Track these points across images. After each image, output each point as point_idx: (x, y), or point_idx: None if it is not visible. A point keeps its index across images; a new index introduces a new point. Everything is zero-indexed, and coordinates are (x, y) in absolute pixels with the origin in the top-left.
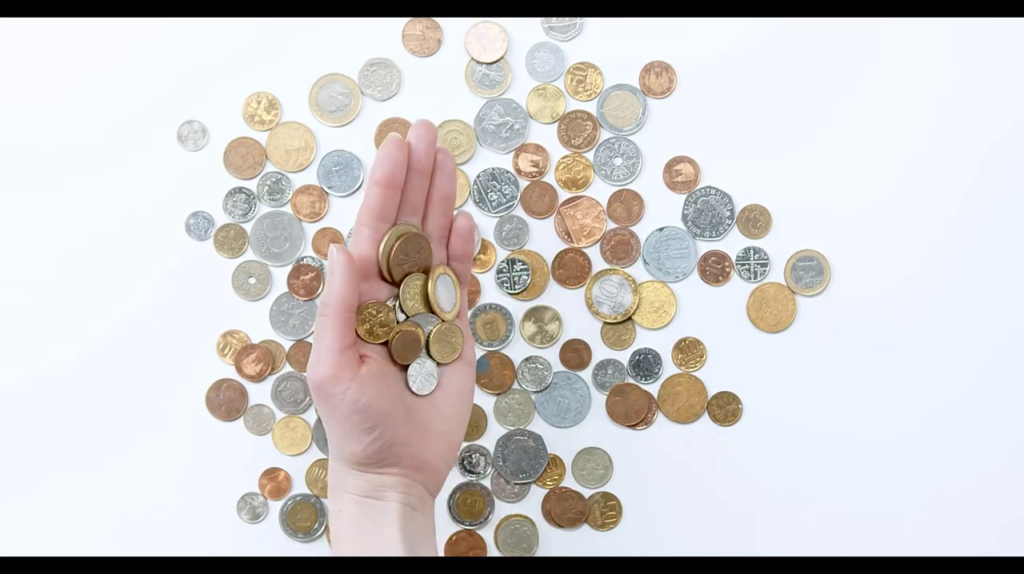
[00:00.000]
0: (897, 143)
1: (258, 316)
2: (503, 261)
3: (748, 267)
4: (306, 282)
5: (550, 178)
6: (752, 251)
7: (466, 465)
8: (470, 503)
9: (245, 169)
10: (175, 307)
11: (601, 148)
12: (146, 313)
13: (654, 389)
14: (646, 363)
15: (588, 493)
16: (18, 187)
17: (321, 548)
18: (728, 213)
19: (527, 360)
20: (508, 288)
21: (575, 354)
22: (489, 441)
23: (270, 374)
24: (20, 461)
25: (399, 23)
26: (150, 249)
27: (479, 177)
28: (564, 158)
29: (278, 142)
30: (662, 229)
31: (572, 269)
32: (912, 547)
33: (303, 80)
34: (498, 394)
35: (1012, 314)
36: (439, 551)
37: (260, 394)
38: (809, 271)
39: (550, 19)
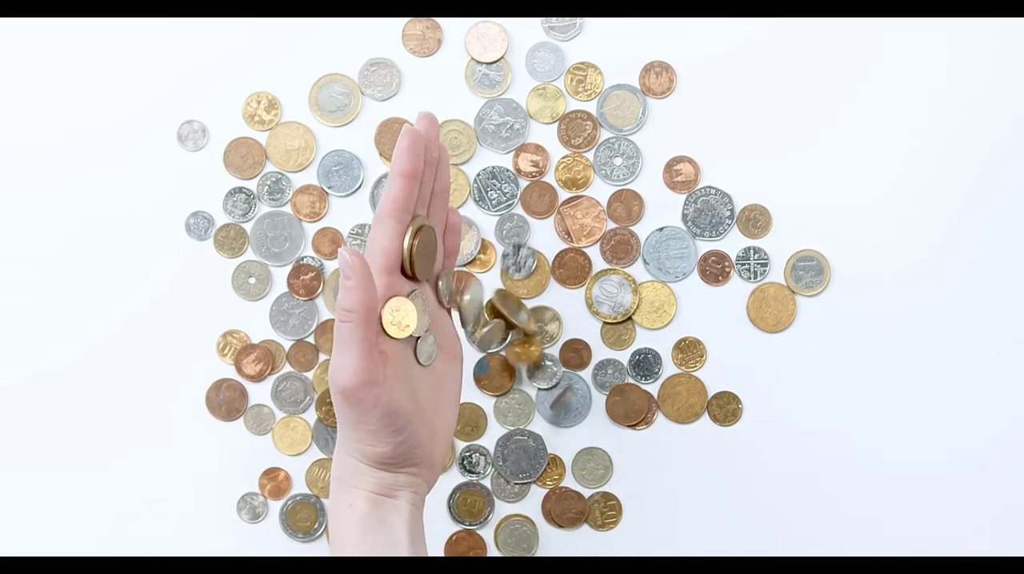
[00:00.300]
0: (897, 143)
1: (258, 316)
2: (509, 245)
3: (748, 267)
4: (306, 282)
5: (550, 178)
6: (752, 251)
7: (466, 465)
8: (470, 503)
9: (245, 169)
10: (175, 307)
11: (601, 148)
12: (146, 313)
13: (654, 389)
14: (646, 363)
15: (588, 493)
16: (18, 187)
17: (321, 548)
18: (728, 213)
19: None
20: (514, 273)
21: (575, 354)
22: (489, 441)
23: (270, 374)
24: (20, 461)
25: (399, 23)
26: (150, 249)
27: (479, 176)
28: (564, 158)
29: (278, 142)
30: (662, 229)
31: (572, 269)
32: (912, 547)
33: (303, 80)
34: (498, 395)
35: (1012, 313)
36: (438, 550)
37: (260, 394)
38: (809, 271)
39: (550, 19)
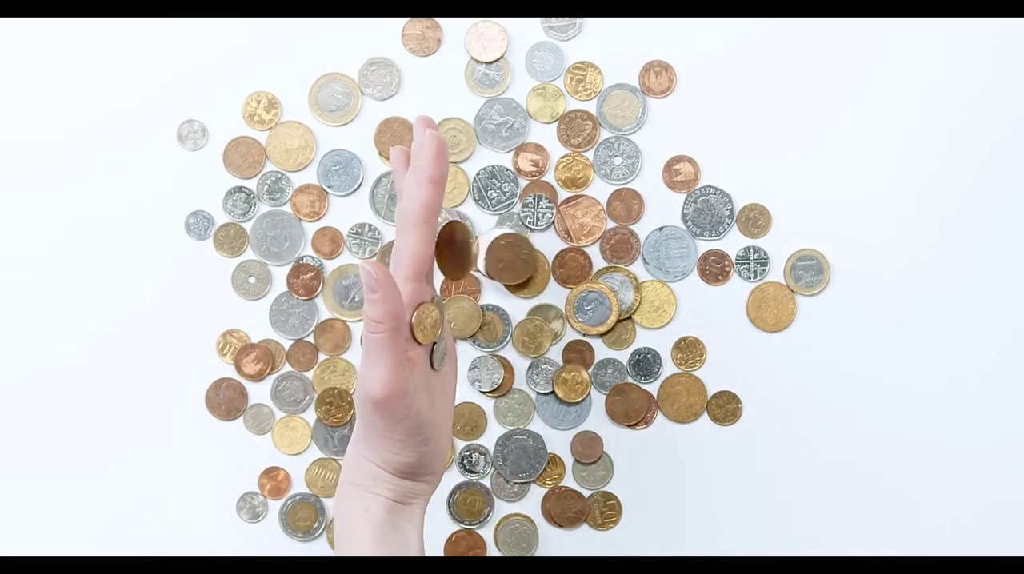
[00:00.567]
0: (897, 143)
1: (258, 315)
2: (529, 196)
3: (748, 266)
4: (306, 281)
5: (550, 177)
6: (752, 250)
7: (466, 465)
8: (470, 502)
9: (245, 168)
10: (175, 306)
11: (601, 147)
12: (146, 312)
13: (654, 388)
14: (646, 362)
15: (588, 493)
16: (18, 186)
17: (321, 548)
18: (728, 212)
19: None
20: (531, 224)
21: (578, 354)
22: (489, 441)
23: (270, 373)
24: (20, 460)
25: (399, 23)
26: (150, 248)
27: (479, 175)
28: (564, 157)
29: (278, 141)
30: (662, 228)
31: (573, 268)
32: (912, 547)
33: (303, 79)
34: (498, 395)
35: (1012, 313)
36: (438, 550)
37: (260, 393)
38: (809, 271)
39: (550, 19)
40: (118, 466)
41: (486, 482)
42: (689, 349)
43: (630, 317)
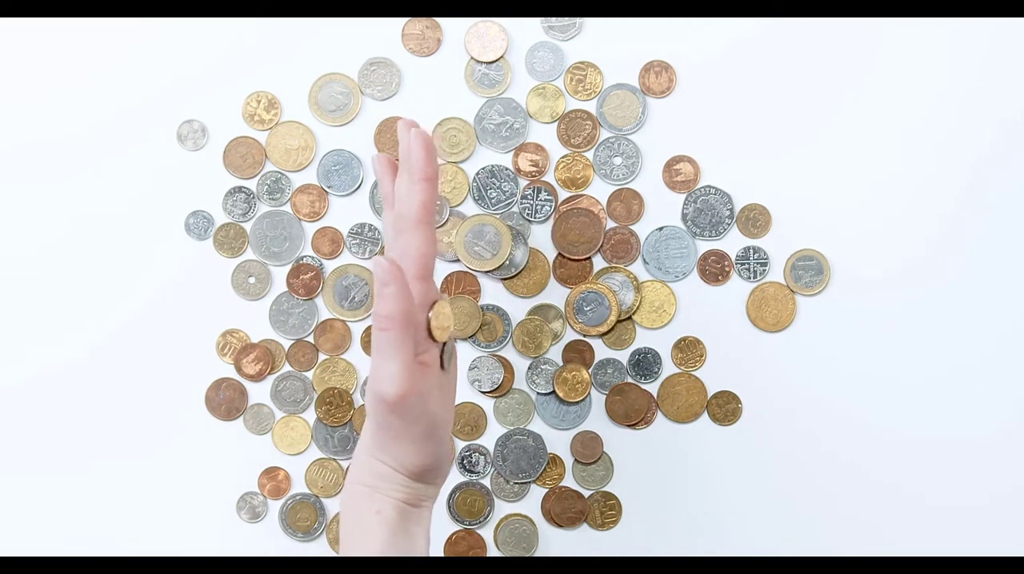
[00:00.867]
0: (896, 142)
1: (258, 315)
2: (528, 187)
3: (748, 266)
4: (305, 281)
5: (550, 177)
6: (752, 250)
7: (466, 465)
8: (470, 502)
9: (245, 168)
10: (175, 306)
11: (601, 147)
12: (146, 312)
13: (654, 388)
14: (646, 363)
15: (588, 493)
16: (18, 186)
17: (321, 548)
18: (728, 212)
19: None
20: (530, 216)
21: (578, 354)
22: (489, 441)
23: (270, 374)
24: (19, 460)
25: (399, 23)
26: (150, 248)
27: (478, 175)
28: (564, 157)
29: (278, 141)
30: (662, 228)
31: (573, 268)
32: (913, 546)
33: (303, 80)
34: (498, 395)
35: (1012, 313)
36: (438, 550)
37: (260, 393)
38: (809, 271)
39: (550, 19)
40: (118, 466)
41: (486, 482)
42: (689, 349)
43: (630, 317)
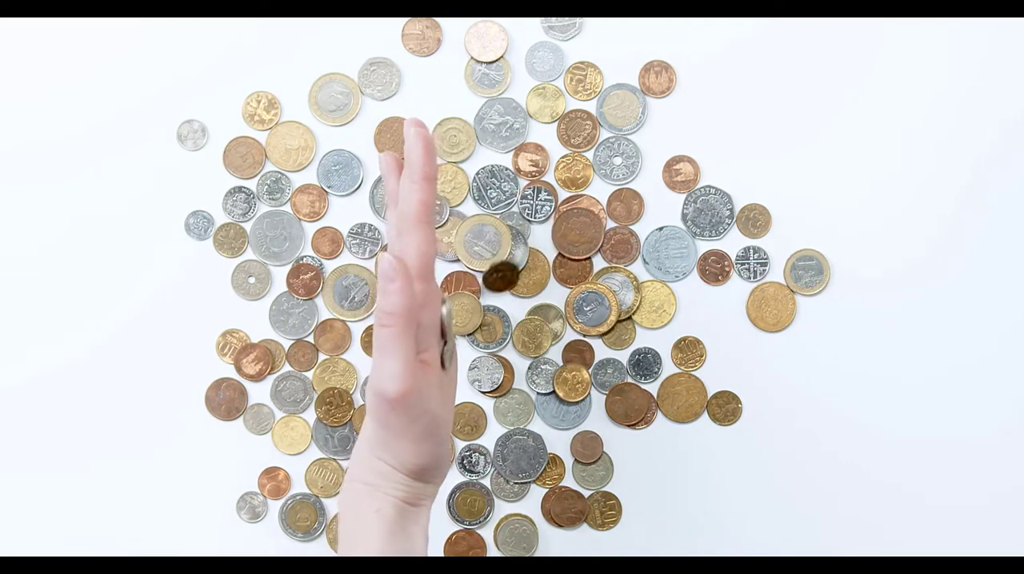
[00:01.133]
0: (896, 142)
1: (258, 315)
2: (528, 187)
3: (748, 266)
4: (305, 282)
5: (550, 177)
6: (752, 250)
7: (466, 464)
8: (470, 502)
9: (245, 168)
10: (175, 306)
11: (601, 147)
12: (146, 312)
13: (654, 388)
14: (646, 362)
15: (588, 493)
16: (18, 186)
17: (321, 548)
18: (728, 212)
19: (536, 361)
20: (530, 216)
21: (578, 354)
22: (489, 441)
23: (270, 374)
24: (20, 460)
25: (399, 23)
26: (150, 248)
27: (478, 175)
28: (564, 157)
29: (278, 141)
30: (662, 228)
31: (573, 268)
32: (913, 546)
33: (303, 80)
34: (498, 395)
35: (1012, 312)
36: (438, 550)
37: (260, 393)
38: (809, 270)
39: (550, 19)
40: (118, 466)
41: (486, 482)
42: (689, 349)
43: (630, 317)
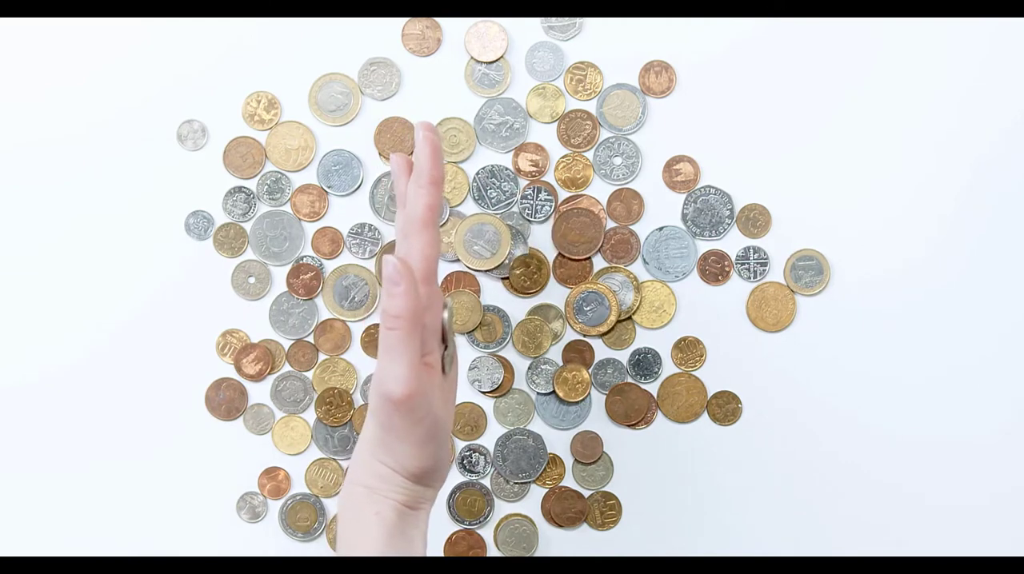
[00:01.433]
0: (896, 142)
1: (258, 315)
2: (528, 187)
3: (748, 266)
4: (305, 281)
5: (550, 177)
6: (752, 250)
7: (466, 464)
8: (470, 502)
9: (245, 168)
10: (175, 306)
11: (601, 147)
12: (146, 312)
13: (654, 388)
14: (646, 362)
15: (588, 493)
16: (18, 186)
17: (321, 548)
18: (728, 212)
19: (536, 361)
20: (530, 216)
21: (578, 354)
22: (489, 441)
23: (270, 374)
24: (19, 460)
25: (399, 23)
26: (150, 248)
27: (478, 175)
28: (564, 157)
29: (278, 141)
30: (662, 228)
31: (573, 268)
32: (913, 546)
33: (303, 80)
34: (498, 395)
35: (1012, 312)
36: (438, 550)
37: (260, 393)
38: (809, 270)
39: (550, 19)
40: (118, 466)
41: (486, 482)
42: (689, 349)
43: (630, 317)
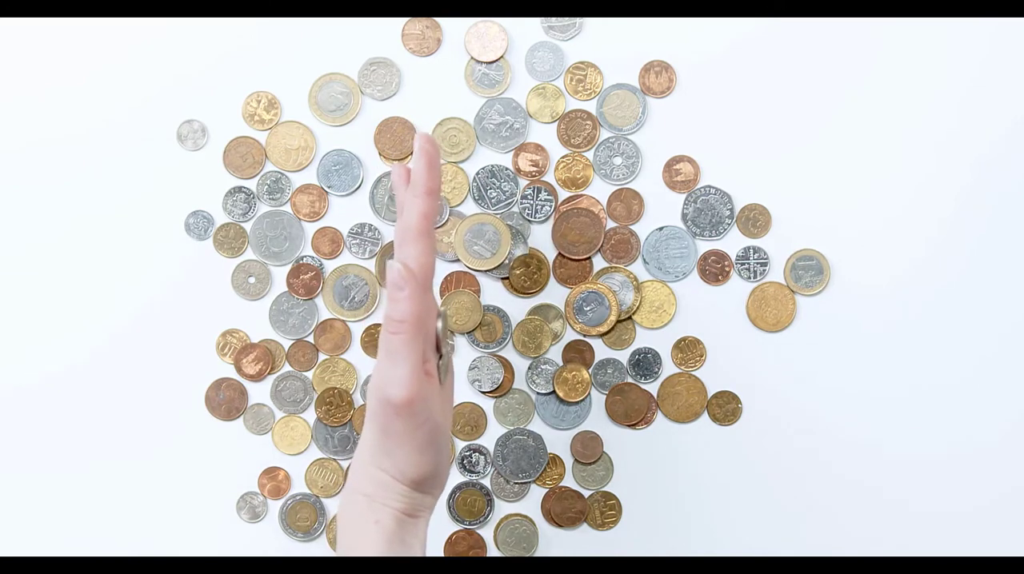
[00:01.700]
0: (896, 142)
1: (258, 315)
2: (528, 187)
3: (748, 266)
4: (305, 281)
5: (550, 177)
6: (752, 250)
7: (466, 464)
8: (470, 502)
9: (245, 168)
10: (175, 306)
11: (601, 147)
12: (146, 312)
13: (654, 388)
14: (646, 362)
15: (588, 493)
16: (18, 186)
17: (321, 548)
18: (728, 212)
19: (536, 361)
20: (530, 216)
21: (578, 354)
22: (489, 441)
23: (270, 374)
24: (19, 460)
25: (399, 23)
26: (150, 248)
27: (478, 175)
28: (564, 157)
29: (278, 141)
30: (662, 228)
31: (573, 268)
32: (913, 546)
33: (303, 79)
34: (498, 395)
35: (1012, 312)
36: (438, 550)
37: (260, 393)
38: (809, 270)
39: (550, 19)
40: (118, 466)
41: (486, 482)
42: (689, 349)
43: (630, 317)
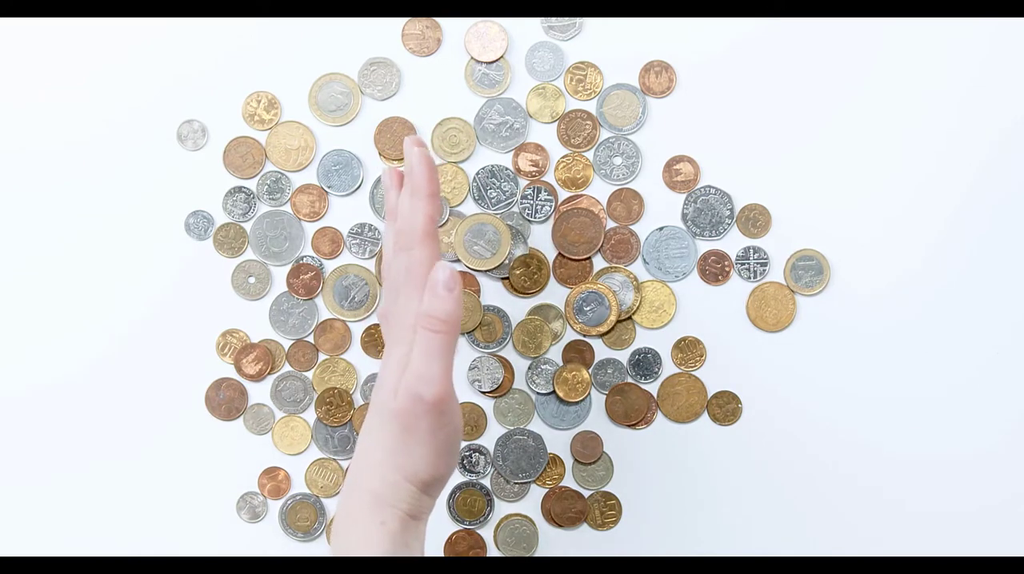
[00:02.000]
0: (896, 142)
1: (258, 315)
2: (528, 187)
3: (748, 266)
4: (305, 281)
5: (550, 177)
6: (752, 250)
7: (466, 464)
8: (470, 502)
9: (245, 168)
10: (175, 306)
11: (601, 147)
12: (146, 312)
13: (654, 388)
14: (646, 363)
15: (588, 493)
16: (18, 187)
17: (321, 548)
18: (728, 212)
19: (536, 361)
20: (530, 216)
21: (578, 354)
22: (489, 441)
23: (270, 374)
24: (20, 461)
25: (399, 23)
26: (150, 248)
27: (478, 175)
28: (564, 157)
29: (278, 141)
30: (662, 228)
31: (573, 268)
32: (913, 546)
33: (303, 80)
34: (498, 395)
35: (1011, 312)
36: (438, 550)
37: (260, 393)
38: (809, 270)
39: (550, 19)
40: (118, 466)
41: (486, 482)
42: (689, 349)
43: (630, 317)
